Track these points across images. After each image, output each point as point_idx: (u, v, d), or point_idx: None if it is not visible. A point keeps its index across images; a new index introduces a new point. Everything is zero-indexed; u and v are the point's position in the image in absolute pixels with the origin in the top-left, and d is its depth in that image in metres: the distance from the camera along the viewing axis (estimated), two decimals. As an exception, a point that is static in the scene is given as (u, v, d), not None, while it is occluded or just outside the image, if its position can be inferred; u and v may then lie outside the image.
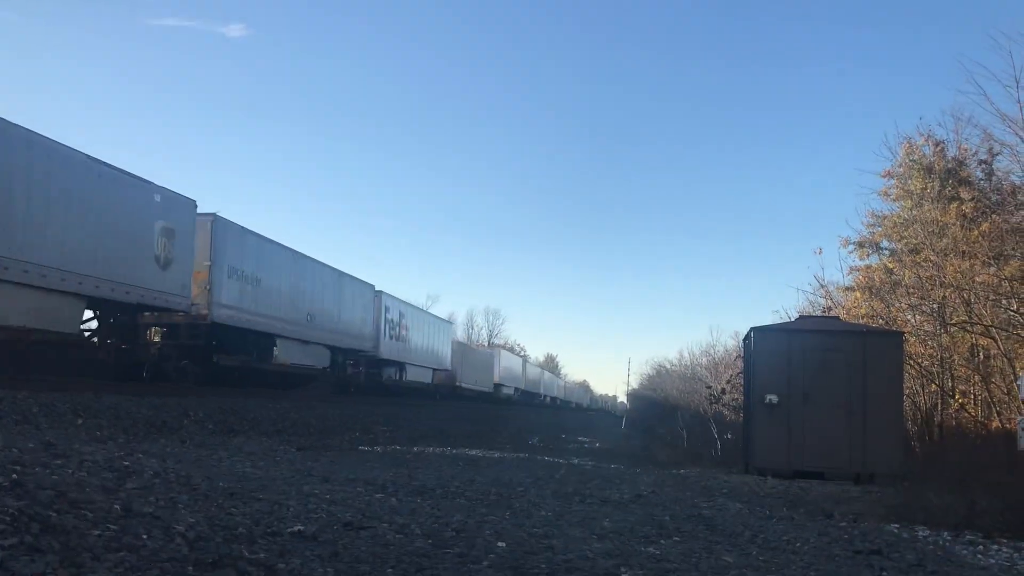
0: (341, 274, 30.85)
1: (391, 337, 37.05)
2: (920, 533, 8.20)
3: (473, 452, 15.65)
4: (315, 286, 28.20)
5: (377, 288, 35.47)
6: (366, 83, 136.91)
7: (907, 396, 17.97)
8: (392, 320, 37.35)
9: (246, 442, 12.67)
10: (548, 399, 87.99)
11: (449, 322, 53.28)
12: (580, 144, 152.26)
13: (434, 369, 44.62)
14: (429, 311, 50.55)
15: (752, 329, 15.89)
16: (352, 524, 5.61)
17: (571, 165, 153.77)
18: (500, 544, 5.47)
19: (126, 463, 6.96)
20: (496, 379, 59.18)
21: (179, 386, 19.06)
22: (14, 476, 4.98)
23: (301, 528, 5.24)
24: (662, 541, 6.46)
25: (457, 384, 47.94)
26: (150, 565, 3.74)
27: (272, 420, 16.43)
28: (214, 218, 21.66)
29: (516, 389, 68.61)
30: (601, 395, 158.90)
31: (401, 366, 39.63)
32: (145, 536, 4.25)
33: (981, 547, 7.45)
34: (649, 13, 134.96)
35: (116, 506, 4.76)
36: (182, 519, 4.85)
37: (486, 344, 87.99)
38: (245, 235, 23.40)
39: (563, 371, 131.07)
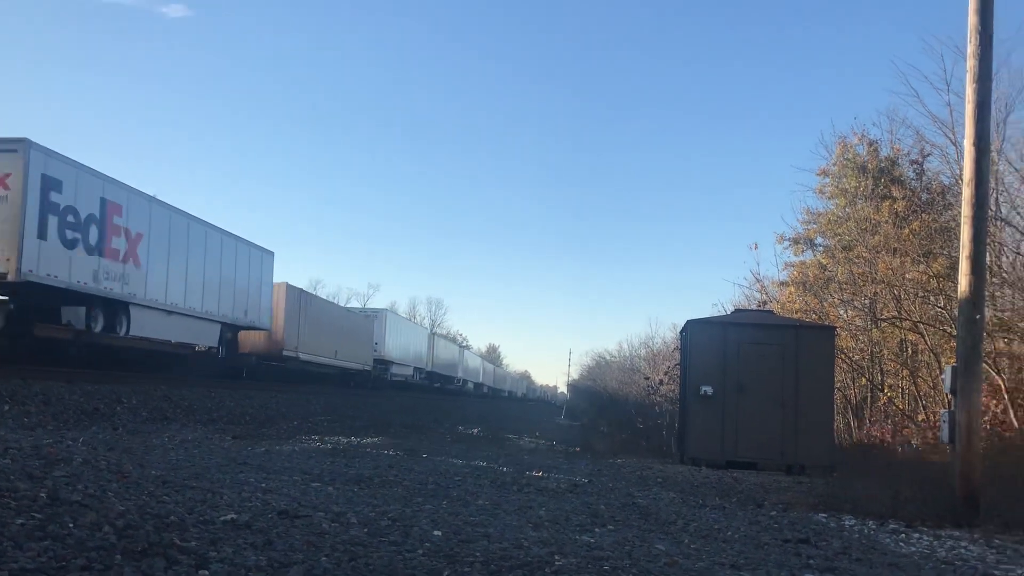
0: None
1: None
2: (847, 522, 8.43)
3: (413, 443, 15.60)
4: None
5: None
6: (310, 66, 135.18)
7: (838, 389, 18.42)
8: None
9: (180, 430, 12.49)
10: (470, 385, 74.20)
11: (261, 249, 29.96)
12: (524, 137, 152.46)
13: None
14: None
15: (689, 322, 16.13)
16: (287, 513, 5.56)
17: (514, 158, 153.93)
18: (436, 533, 5.48)
19: (55, 450, 6.80)
20: (383, 354, 44.26)
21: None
22: (-65, 463, 4.84)
23: (234, 517, 5.18)
24: (596, 530, 6.54)
25: (285, 352, 30.97)
26: (76, 554, 3.66)
27: (208, 409, 16.19)
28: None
29: (417, 369, 53.03)
30: (542, 386, 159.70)
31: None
32: (72, 524, 4.17)
33: (904, 535, 7.68)
34: (575, 6, 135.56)
35: (42, 494, 4.65)
36: (112, 507, 4.75)
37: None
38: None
39: (505, 362, 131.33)
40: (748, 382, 14.95)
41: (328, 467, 9.02)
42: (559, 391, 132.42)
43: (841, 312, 21.73)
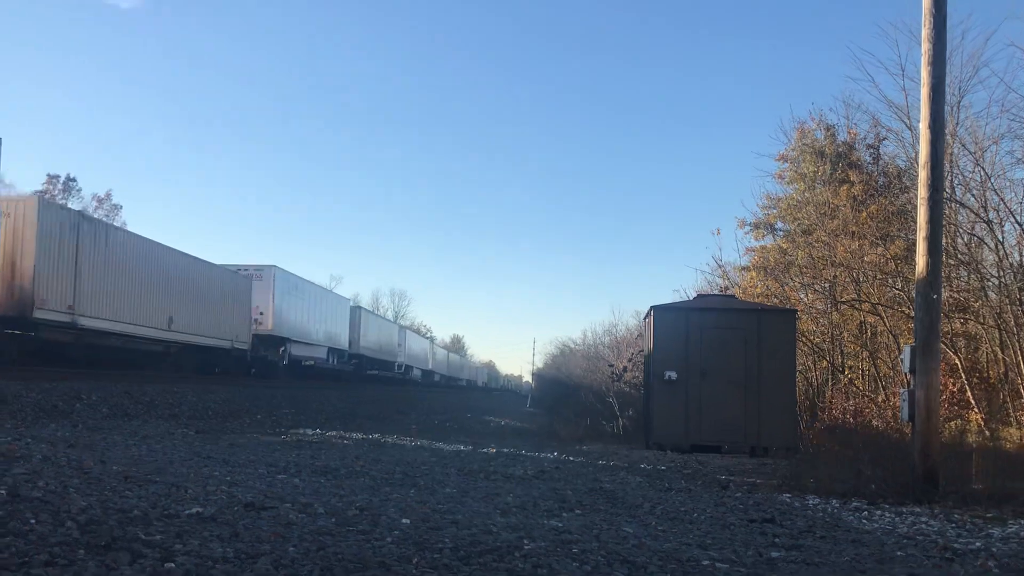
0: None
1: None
2: (811, 501, 8.54)
3: (375, 435, 15.54)
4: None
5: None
6: (265, 59, 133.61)
7: (799, 372, 18.66)
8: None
9: (142, 425, 12.34)
10: (416, 372, 65.77)
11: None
12: (481, 126, 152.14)
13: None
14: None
15: (652, 307, 16.23)
16: (253, 505, 5.52)
17: (476, 147, 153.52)
18: (404, 521, 5.46)
19: (14, 447, 6.69)
20: (273, 327, 33.42)
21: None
22: None
23: (200, 510, 5.13)
24: (564, 514, 6.56)
25: (39, 313, 18.56)
26: (38, 550, 3.60)
27: (169, 404, 16.00)
28: None
29: (335, 351, 43.01)
30: (507, 375, 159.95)
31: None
32: (33, 520, 4.10)
33: (866, 513, 7.80)
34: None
35: (2, 491, 4.58)
36: (73, 503, 4.69)
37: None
38: None
39: (469, 352, 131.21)
40: (711, 366, 15.09)
41: (294, 459, 8.96)
42: (524, 380, 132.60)
43: (802, 296, 21.98)
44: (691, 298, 21.24)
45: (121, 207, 60.85)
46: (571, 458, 12.31)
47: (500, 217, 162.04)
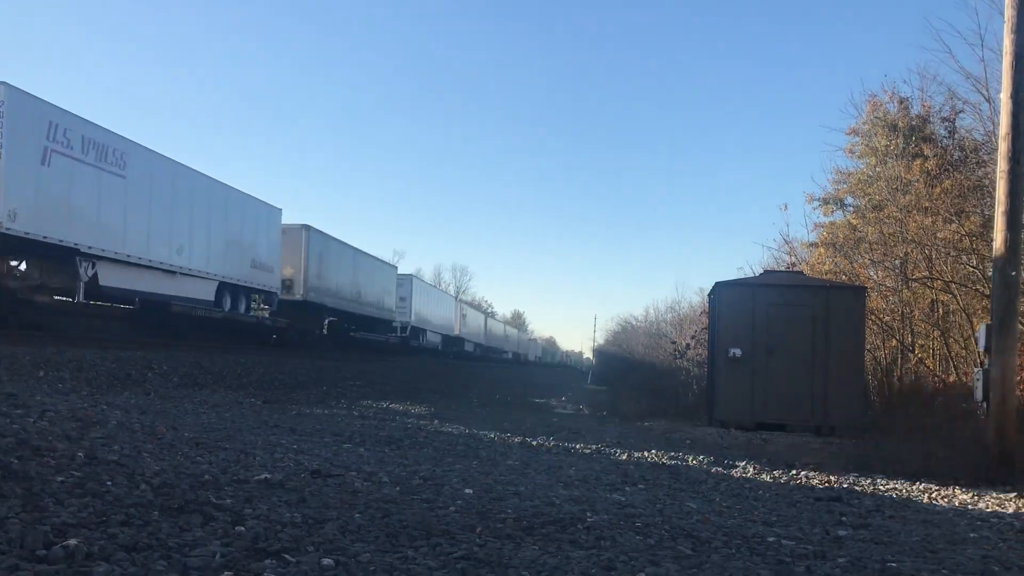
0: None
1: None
2: (879, 481, 8.37)
3: (438, 408, 15.68)
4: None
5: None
6: (325, 28, 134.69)
7: (868, 350, 18.25)
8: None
9: (211, 395, 12.61)
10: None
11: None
12: (547, 105, 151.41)
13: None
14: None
15: (717, 284, 16.01)
16: (319, 472, 5.61)
17: (538, 126, 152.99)
18: (467, 491, 5.50)
19: (89, 413, 6.89)
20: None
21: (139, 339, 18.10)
22: (-26, 425, 4.91)
23: (268, 476, 5.23)
24: (627, 488, 6.54)
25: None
26: (115, 510, 3.71)
27: (237, 375, 16.33)
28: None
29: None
30: (567, 351, 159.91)
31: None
32: (109, 482, 4.21)
33: (937, 493, 7.63)
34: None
35: (80, 454, 4.71)
36: (147, 467, 4.81)
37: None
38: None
39: (530, 328, 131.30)
40: (778, 344, 14.85)
41: (358, 429, 9.08)
42: (585, 357, 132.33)
43: (871, 273, 21.46)
44: (757, 275, 20.91)
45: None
46: (633, 434, 12.27)
47: (564, 194, 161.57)
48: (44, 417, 6.05)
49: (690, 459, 9.25)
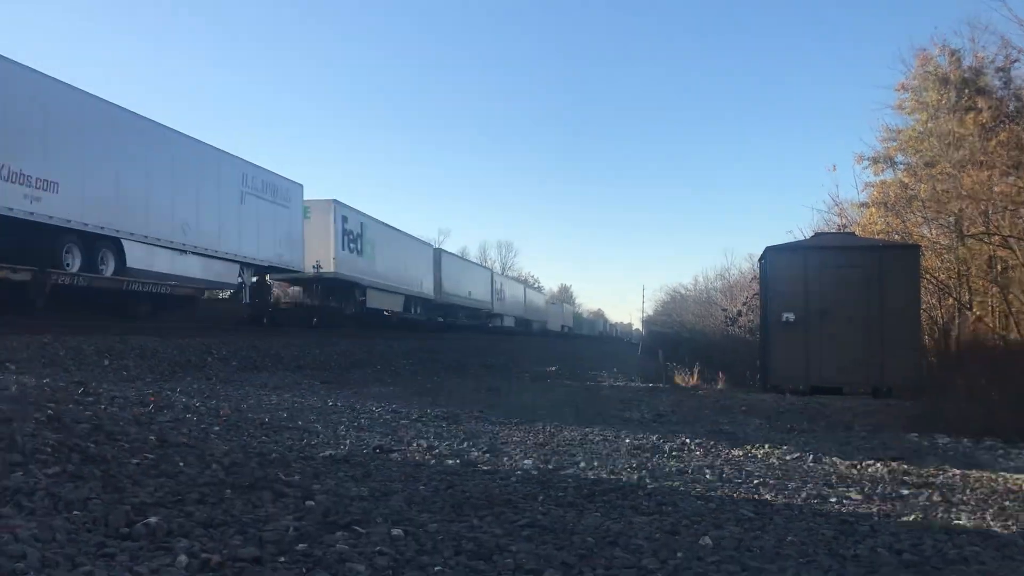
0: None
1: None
2: (940, 441, 8.28)
3: (490, 382, 15.78)
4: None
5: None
6: (371, 8, 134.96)
7: (924, 310, 17.96)
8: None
9: (271, 377, 12.85)
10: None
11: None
12: (591, 70, 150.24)
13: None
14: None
15: (767, 248, 15.85)
16: (382, 448, 5.73)
17: (581, 93, 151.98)
18: (527, 462, 5.57)
19: (156, 398, 7.09)
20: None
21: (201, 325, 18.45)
22: (50, 412, 5.08)
23: (332, 452, 5.36)
24: (684, 455, 6.56)
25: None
26: (189, 489, 3.84)
27: (294, 356, 16.60)
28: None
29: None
30: (616, 323, 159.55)
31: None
32: (182, 463, 4.36)
33: (1002, 452, 7.53)
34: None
35: (151, 437, 4.86)
36: (216, 447, 4.96)
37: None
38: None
39: (577, 301, 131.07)
40: (831, 306, 14.68)
41: (416, 406, 9.20)
42: (634, 328, 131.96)
43: (925, 231, 21.06)
44: (807, 238, 20.65)
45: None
46: (687, 402, 12.24)
47: (608, 165, 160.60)
48: (114, 404, 6.24)
49: (746, 424, 9.23)
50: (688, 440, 7.48)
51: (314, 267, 26.24)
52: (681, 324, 54.92)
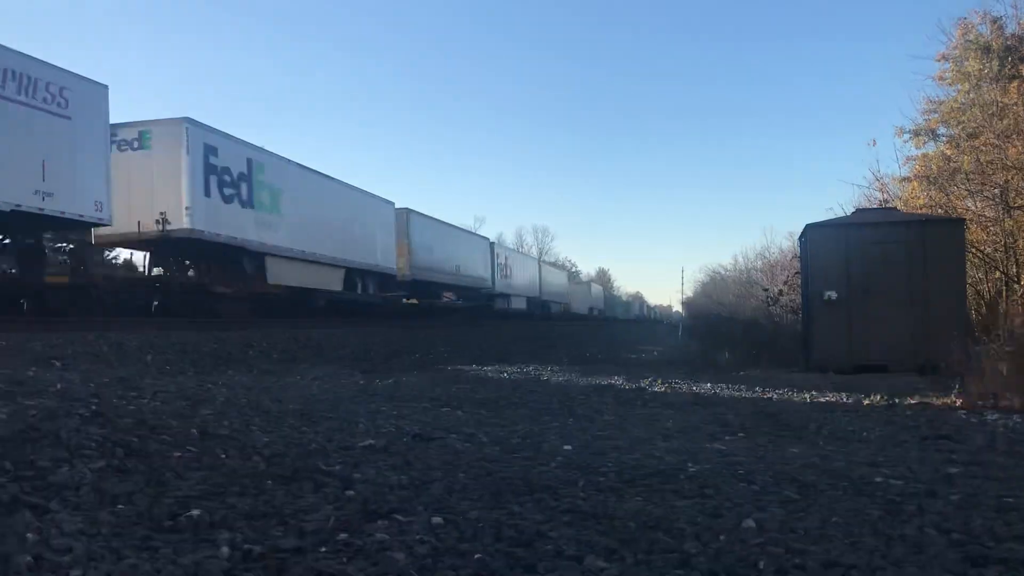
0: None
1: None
2: (989, 417, 8.10)
3: (531, 368, 15.77)
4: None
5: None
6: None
7: (970, 284, 17.62)
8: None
9: (311, 368, 12.95)
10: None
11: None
12: (623, 51, 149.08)
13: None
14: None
15: (807, 226, 15.63)
16: (421, 436, 5.73)
17: (613, 72, 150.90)
18: (566, 447, 5.55)
19: (198, 392, 7.17)
20: None
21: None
22: (94, 407, 5.16)
23: (372, 442, 5.37)
24: (727, 438, 6.50)
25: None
26: (231, 481, 3.87)
27: (334, 347, 16.74)
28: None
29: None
30: (655, 305, 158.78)
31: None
32: (223, 456, 4.40)
33: (1052, 427, 7.35)
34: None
35: (193, 430, 4.91)
36: (257, 439, 4.99)
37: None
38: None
39: (616, 284, 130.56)
40: (873, 283, 14.45)
41: (454, 393, 9.22)
42: (674, 310, 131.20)
43: (969, 204, 20.65)
44: (848, 214, 20.33)
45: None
46: (729, 384, 12.13)
47: (646, 146, 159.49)
48: (156, 398, 6.32)
49: (789, 405, 9.12)
50: (732, 421, 7.42)
51: (157, 222, 19.11)
52: (722, 305, 54.51)
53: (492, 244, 46.51)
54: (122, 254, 23.98)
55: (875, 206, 21.99)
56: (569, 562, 3.01)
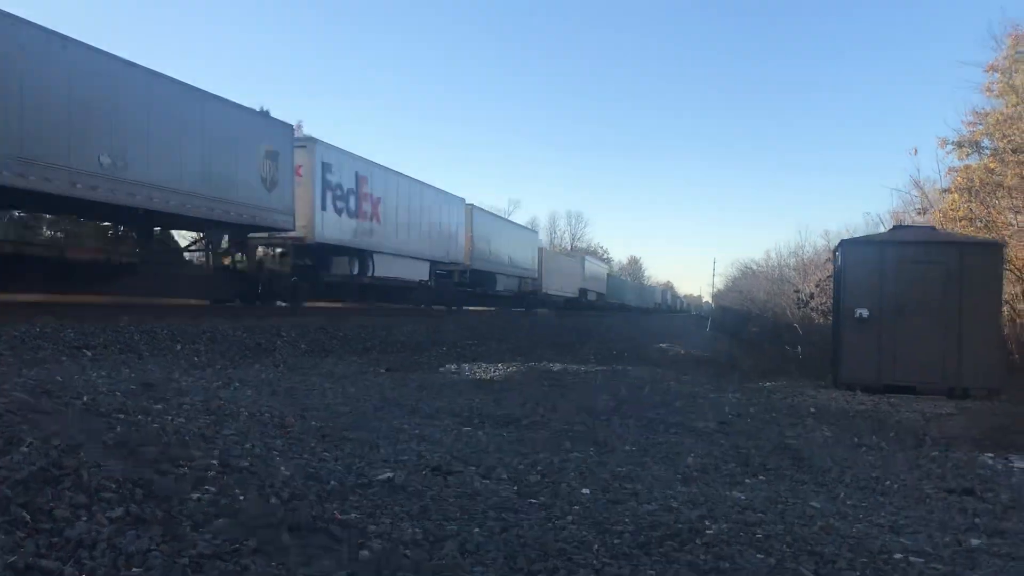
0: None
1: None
2: (1016, 464, 7.99)
3: (555, 367, 15.73)
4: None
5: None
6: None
7: (1007, 303, 17.35)
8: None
9: (336, 363, 13.02)
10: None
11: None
12: (665, 43, 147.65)
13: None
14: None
15: (843, 241, 15.47)
16: (440, 469, 5.74)
17: (653, 64, 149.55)
18: (584, 491, 5.54)
19: (222, 401, 7.23)
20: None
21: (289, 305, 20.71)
22: (118, 429, 5.22)
23: (391, 475, 5.39)
24: (747, 481, 6.45)
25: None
26: (248, 533, 3.88)
27: (362, 339, 16.83)
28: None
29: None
30: (685, 295, 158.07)
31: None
32: (242, 497, 4.41)
33: (1082, 482, 7.22)
34: None
35: (214, 462, 4.94)
36: (277, 473, 5.02)
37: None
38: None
39: (647, 273, 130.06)
40: (906, 303, 14.27)
41: (477, 406, 9.21)
42: (704, 300, 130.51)
43: (1011, 219, 20.30)
44: (885, 224, 20.07)
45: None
46: (754, 402, 12.05)
47: (683, 135, 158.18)
48: (181, 412, 6.38)
49: (813, 438, 9.04)
50: (753, 458, 7.38)
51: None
52: (752, 301, 54.10)
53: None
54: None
55: (913, 214, 21.69)
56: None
